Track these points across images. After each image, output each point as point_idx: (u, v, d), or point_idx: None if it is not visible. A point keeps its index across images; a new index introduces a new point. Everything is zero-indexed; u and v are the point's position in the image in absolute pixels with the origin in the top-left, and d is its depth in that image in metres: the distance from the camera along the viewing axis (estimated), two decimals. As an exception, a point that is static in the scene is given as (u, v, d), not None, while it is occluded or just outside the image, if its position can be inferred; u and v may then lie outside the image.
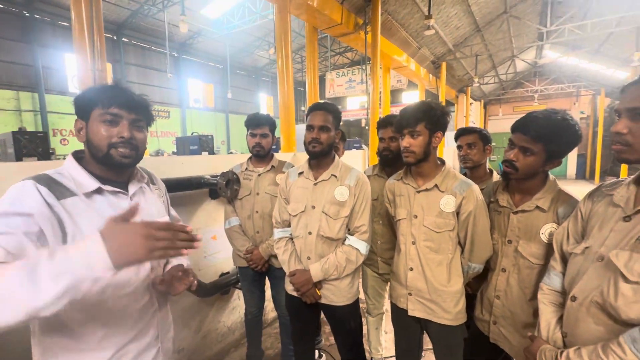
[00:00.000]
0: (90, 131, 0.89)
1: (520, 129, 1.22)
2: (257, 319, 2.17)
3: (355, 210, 1.53)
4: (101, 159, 0.89)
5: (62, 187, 0.82)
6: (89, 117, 0.88)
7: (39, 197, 0.77)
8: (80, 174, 0.87)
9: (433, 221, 1.38)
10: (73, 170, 0.88)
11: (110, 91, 0.89)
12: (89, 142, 0.89)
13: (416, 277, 1.44)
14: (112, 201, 0.91)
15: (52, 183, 0.81)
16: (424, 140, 1.35)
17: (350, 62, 19.12)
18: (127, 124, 0.90)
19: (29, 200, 0.76)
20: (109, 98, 0.87)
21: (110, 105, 0.87)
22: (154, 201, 1.06)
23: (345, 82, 16.40)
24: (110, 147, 0.88)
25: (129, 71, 14.47)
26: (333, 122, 1.53)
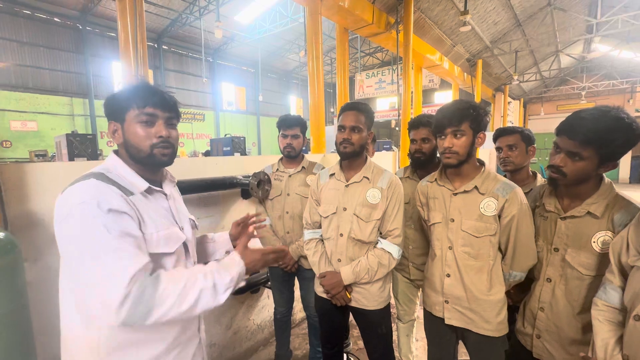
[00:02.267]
0: (127, 133, 0.89)
1: (566, 132, 1.10)
2: (286, 318, 2.18)
3: (388, 213, 1.49)
4: (144, 159, 0.90)
5: (122, 186, 0.85)
6: (124, 118, 0.89)
7: (118, 194, 0.81)
8: (130, 174, 0.89)
9: (472, 225, 1.31)
10: (122, 170, 0.90)
11: (143, 91, 0.89)
12: (128, 144, 0.90)
13: (453, 284, 1.37)
14: (157, 200, 0.94)
15: (112, 182, 0.84)
16: (468, 140, 1.28)
17: (381, 62, 18.87)
18: (163, 123, 0.91)
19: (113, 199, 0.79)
20: (143, 98, 0.88)
21: (145, 105, 0.88)
22: (181, 199, 1.12)
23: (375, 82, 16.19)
24: (153, 147, 0.89)
25: (168, 77, 15.31)
26: (365, 122, 1.50)
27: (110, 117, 0.91)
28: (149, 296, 0.73)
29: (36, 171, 1.42)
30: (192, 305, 0.78)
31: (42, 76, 11.43)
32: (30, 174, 1.40)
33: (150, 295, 0.73)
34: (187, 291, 0.78)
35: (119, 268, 0.72)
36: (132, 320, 0.72)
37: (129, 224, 0.79)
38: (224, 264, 0.91)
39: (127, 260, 0.74)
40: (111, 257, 0.73)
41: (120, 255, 0.74)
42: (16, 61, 10.78)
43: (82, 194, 0.77)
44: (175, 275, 0.81)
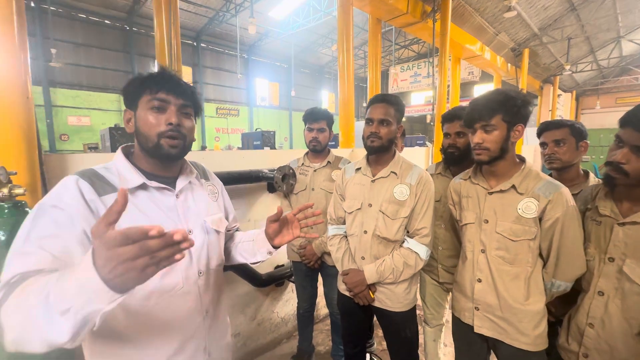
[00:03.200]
0: (138, 120, 0.83)
1: (633, 123, 0.97)
2: (309, 314, 2.17)
3: (416, 211, 1.41)
4: (152, 150, 0.83)
5: (105, 183, 0.78)
6: (137, 105, 0.83)
7: (77, 193, 0.73)
8: (126, 169, 0.83)
9: (508, 227, 1.19)
10: (120, 164, 0.84)
11: (157, 77, 0.83)
12: (138, 133, 0.84)
13: (485, 290, 1.26)
14: (156, 197, 0.85)
15: (95, 178, 0.78)
16: (500, 135, 1.17)
17: (416, 55, 18.20)
18: (175, 110, 0.84)
19: (66, 197, 0.72)
20: (156, 83, 0.82)
21: (157, 90, 0.81)
22: (204, 198, 0.98)
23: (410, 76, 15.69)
24: (160, 136, 0.82)
25: (205, 74, 15.93)
26: (395, 115, 1.43)
27: (126, 105, 0.86)
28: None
29: (77, 161, 1.51)
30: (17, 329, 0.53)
31: (94, 75, 12.41)
32: (71, 163, 1.49)
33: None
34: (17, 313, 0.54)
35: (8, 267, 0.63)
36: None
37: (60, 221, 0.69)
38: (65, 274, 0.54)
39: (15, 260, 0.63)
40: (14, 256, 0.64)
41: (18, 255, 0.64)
42: (72, 61, 11.80)
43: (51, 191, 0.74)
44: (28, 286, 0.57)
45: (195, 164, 1.05)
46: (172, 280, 0.84)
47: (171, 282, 0.84)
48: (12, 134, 1.21)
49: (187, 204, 0.92)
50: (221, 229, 1.00)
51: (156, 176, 0.87)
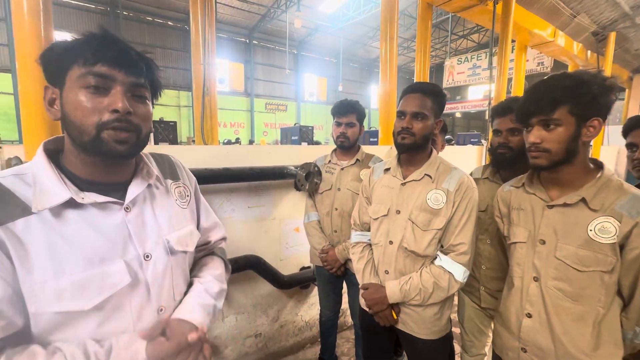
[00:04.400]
0: (66, 103, 0.59)
1: None
2: (332, 322, 2.02)
3: (453, 223, 1.18)
4: (87, 145, 0.59)
5: (12, 202, 0.56)
6: (64, 81, 0.59)
7: None
8: (47, 178, 0.59)
9: (573, 253, 0.92)
10: (40, 170, 0.59)
11: (95, 41, 0.58)
12: (67, 120, 0.59)
13: (536, 329, 1.00)
14: (94, 217, 0.62)
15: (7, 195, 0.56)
16: (566, 132, 0.90)
17: (477, 45, 16.79)
18: (122, 91, 0.60)
19: None
20: (93, 51, 0.57)
21: (95, 61, 0.57)
22: (168, 207, 0.75)
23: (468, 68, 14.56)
24: (101, 128, 0.58)
25: (256, 70, 16.48)
26: (432, 108, 1.20)
27: (48, 79, 0.61)
28: None
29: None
30: None
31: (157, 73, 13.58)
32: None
33: None
34: None
35: None
36: None
37: None
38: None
39: None
40: None
41: None
42: (140, 61, 13.04)
43: None
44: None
45: (161, 158, 0.82)
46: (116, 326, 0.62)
47: (115, 330, 0.62)
48: (34, 125, 1.24)
49: (143, 218, 0.69)
50: (190, 248, 0.77)
51: (97, 183, 0.64)
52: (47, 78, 0.61)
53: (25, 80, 1.24)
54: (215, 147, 2.05)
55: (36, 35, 1.25)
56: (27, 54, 1.24)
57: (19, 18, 1.23)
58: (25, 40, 1.24)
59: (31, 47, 1.24)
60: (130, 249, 0.65)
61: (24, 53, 1.24)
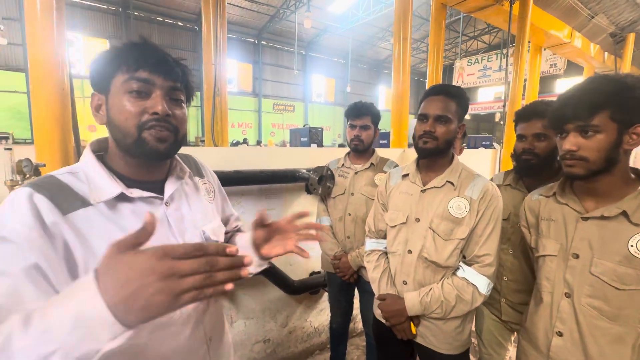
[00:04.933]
0: (112, 108, 0.64)
1: None
2: (343, 330, 1.97)
3: (477, 233, 1.12)
4: (131, 147, 0.65)
5: (71, 195, 0.61)
6: (109, 88, 0.64)
7: (30, 215, 0.55)
8: (98, 175, 0.64)
9: (611, 269, 0.85)
10: (90, 169, 0.65)
11: (136, 49, 0.64)
12: (112, 124, 0.65)
13: (568, 350, 0.94)
14: (142, 210, 0.67)
15: (56, 190, 0.60)
16: (607, 140, 0.83)
17: (487, 46, 16.58)
18: (162, 94, 0.65)
19: (14, 222, 0.54)
20: (135, 58, 0.63)
21: (137, 67, 0.63)
22: (199, 202, 0.82)
23: (478, 70, 14.41)
24: (141, 128, 0.63)
25: (264, 70, 16.51)
26: (456, 111, 1.15)
27: (95, 87, 0.66)
28: None
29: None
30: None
31: (167, 73, 13.70)
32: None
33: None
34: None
35: None
36: None
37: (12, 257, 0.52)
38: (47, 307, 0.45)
39: None
40: None
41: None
42: (150, 61, 13.15)
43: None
44: None
45: (186, 158, 0.88)
46: None
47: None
48: (45, 125, 1.21)
49: (181, 212, 0.75)
50: (221, 238, 0.85)
51: (138, 182, 0.69)
52: (93, 86, 0.67)
53: (37, 80, 1.22)
54: (226, 149, 2.02)
55: (49, 35, 1.23)
56: (40, 54, 1.22)
57: (32, 18, 1.21)
58: (38, 40, 1.22)
59: (44, 47, 1.22)
60: (172, 240, 0.71)
61: (36, 53, 1.22)
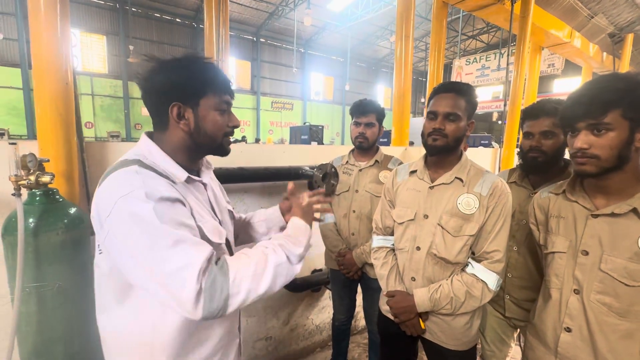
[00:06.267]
0: (203, 120, 0.80)
1: None
2: (345, 327, 1.97)
3: (486, 229, 1.12)
4: (212, 149, 0.86)
5: (164, 176, 0.76)
6: (199, 103, 0.80)
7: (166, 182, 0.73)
8: (168, 163, 0.79)
9: (621, 266, 0.86)
10: (159, 158, 0.79)
11: (222, 77, 0.83)
12: (200, 132, 0.81)
13: (576, 346, 0.94)
14: (196, 191, 0.86)
15: (154, 171, 0.74)
16: (619, 137, 0.83)
17: (485, 46, 16.62)
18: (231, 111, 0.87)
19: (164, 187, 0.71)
20: (223, 85, 0.83)
21: (225, 92, 0.83)
22: (218, 186, 1.03)
23: (477, 69, 14.45)
24: (224, 136, 0.85)
25: (263, 68, 16.43)
26: (466, 108, 1.15)
27: (179, 99, 0.78)
28: (222, 286, 0.66)
29: (117, 149, 1.50)
30: (271, 284, 0.73)
31: (165, 69, 13.59)
32: (111, 151, 1.48)
33: (222, 285, 0.66)
34: (261, 272, 0.72)
35: (184, 262, 0.63)
36: (212, 314, 0.65)
37: (183, 212, 0.72)
38: (291, 234, 0.86)
39: (190, 251, 0.65)
40: (173, 251, 0.64)
41: (182, 247, 0.65)
42: (148, 57, 13.04)
43: (126, 183, 0.68)
44: (242, 258, 0.73)
45: None
46: None
47: None
48: (49, 121, 1.20)
49: (214, 193, 0.95)
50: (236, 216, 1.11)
51: (189, 169, 0.85)
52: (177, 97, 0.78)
53: (40, 76, 1.20)
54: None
55: (53, 30, 1.21)
56: (44, 49, 1.20)
57: (36, 12, 1.19)
58: (41, 36, 1.19)
59: (48, 42, 1.20)
60: (215, 216, 0.89)
61: (40, 49, 1.20)
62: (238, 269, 0.69)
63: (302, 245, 0.83)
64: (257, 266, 0.72)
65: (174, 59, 0.79)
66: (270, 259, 0.74)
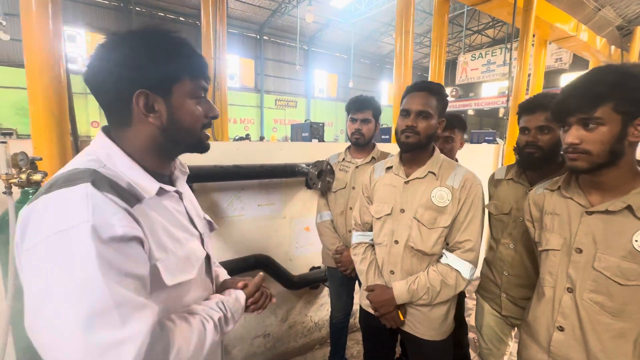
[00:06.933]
0: (178, 111, 0.65)
1: None
2: (343, 325, 1.97)
3: (459, 220, 1.18)
4: (192, 144, 0.70)
5: (127, 192, 0.59)
6: (171, 91, 0.63)
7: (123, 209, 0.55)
8: (136, 172, 0.63)
9: (615, 265, 0.84)
10: (123, 165, 0.62)
11: (198, 56, 0.67)
12: (176, 126, 0.65)
13: (569, 344, 0.93)
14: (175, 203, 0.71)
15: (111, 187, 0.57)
16: (610, 132, 0.81)
17: (491, 41, 16.40)
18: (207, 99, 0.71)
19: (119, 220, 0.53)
20: (200, 66, 0.67)
21: (201, 75, 0.67)
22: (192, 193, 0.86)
23: (482, 65, 14.26)
24: (202, 130, 0.70)
25: (266, 66, 16.42)
26: (437, 107, 1.20)
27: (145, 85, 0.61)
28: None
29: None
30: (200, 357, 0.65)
31: (169, 68, 13.62)
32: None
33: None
34: (199, 351, 0.64)
35: (122, 335, 0.48)
36: None
37: (137, 255, 0.55)
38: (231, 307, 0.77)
39: (133, 320, 0.50)
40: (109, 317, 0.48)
41: (123, 312, 0.49)
42: (152, 56, 13.09)
43: (68, 213, 0.50)
44: (185, 330, 0.62)
45: None
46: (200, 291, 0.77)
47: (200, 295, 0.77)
48: (42, 120, 1.21)
49: (192, 204, 0.80)
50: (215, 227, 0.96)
51: (160, 175, 0.70)
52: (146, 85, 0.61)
53: (33, 75, 1.21)
54: (225, 143, 2.01)
55: (45, 29, 1.22)
56: (35, 49, 1.21)
57: (27, 12, 1.20)
58: (33, 34, 1.20)
59: (39, 42, 1.21)
60: (194, 231, 0.76)
61: (31, 47, 1.21)
62: (180, 348, 0.58)
63: (234, 323, 0.76)
64: (197, 345, 0.63)
65: (136, 32, 0.61)
66: (208, 336, 0.66)
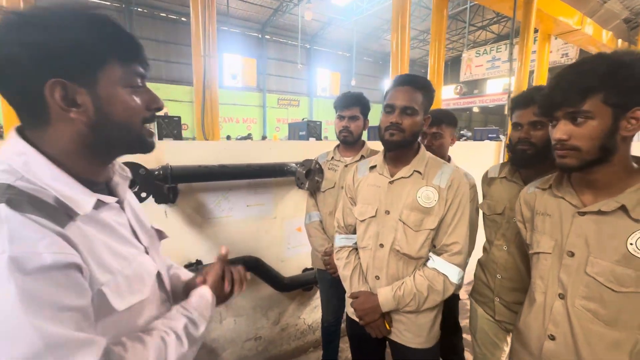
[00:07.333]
0: (106, 103, 0.53)
1: None
2: (334, 328, 1.91)
3: (446, 222, 1.12)
4: (131, 142, 0.59)
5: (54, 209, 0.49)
6: (96, 78, 0.52)
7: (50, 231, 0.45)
8: (65, 185, 0.51)
9: (608, 269, 0.78)
10: (48, 178, 0.50)
11: (127, 35, 0.56)
12: (106, 121, 0.54)
13: (560, 354, 0.87)
14: (116, 215, 0.61)
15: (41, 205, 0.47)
16: (600, 126, 0.75)
17: (496, 36, 16.18)
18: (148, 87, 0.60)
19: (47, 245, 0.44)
20: (131, 46, 0.56)
21: (134, 58, 0.56)
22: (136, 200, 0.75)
23: (487, 61, 14.08)
24: (142, 124, 0.59)
25: (269, 65, 16.40)
26: (422, 103, 1.13)
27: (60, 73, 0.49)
28: None
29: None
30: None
31: (171, 69, 13.67)
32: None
33: None
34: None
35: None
36: None
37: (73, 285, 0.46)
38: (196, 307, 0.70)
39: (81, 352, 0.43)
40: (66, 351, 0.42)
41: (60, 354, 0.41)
42: (154, 57, 13.12)
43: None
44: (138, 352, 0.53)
45: None
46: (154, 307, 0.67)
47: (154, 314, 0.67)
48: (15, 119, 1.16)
49: (135, 214, 0.69)
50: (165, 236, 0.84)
51: (93, 183, 0.58)
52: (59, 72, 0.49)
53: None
54: (212, 143, 1.96)
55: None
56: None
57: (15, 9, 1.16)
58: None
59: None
60: (138, 245, 0.65)
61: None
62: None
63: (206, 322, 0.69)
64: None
65: (43, 8, 0.49)
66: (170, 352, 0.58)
